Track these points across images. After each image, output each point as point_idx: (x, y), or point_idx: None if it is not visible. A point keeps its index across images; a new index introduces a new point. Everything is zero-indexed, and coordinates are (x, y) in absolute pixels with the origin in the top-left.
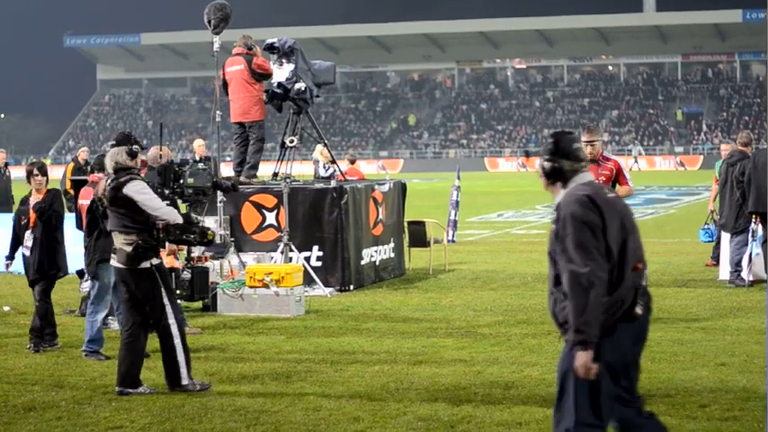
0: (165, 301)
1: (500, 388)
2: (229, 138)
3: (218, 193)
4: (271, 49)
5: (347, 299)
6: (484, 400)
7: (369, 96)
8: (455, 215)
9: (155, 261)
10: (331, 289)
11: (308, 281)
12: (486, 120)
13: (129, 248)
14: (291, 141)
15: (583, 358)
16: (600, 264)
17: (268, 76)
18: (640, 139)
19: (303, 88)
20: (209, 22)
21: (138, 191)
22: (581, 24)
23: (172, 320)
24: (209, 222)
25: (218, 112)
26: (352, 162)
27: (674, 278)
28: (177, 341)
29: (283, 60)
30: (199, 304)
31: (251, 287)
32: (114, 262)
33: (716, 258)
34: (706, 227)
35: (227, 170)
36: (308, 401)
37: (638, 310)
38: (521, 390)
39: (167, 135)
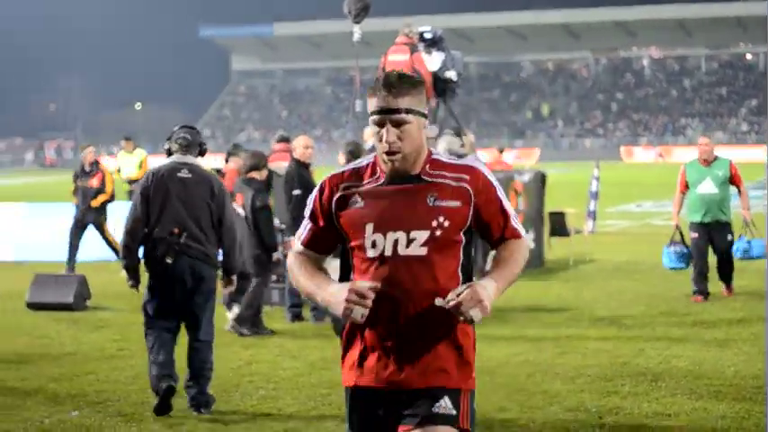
0: None
1: (647, 379)
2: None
3: None
4: (420, 38)
5: None
6: (631, 392)
7: (503, 86)
8: (594, 205)
9: None
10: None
11: None
12: (622, 109)
13: None
14: (431, 132)
15: None
16: None
17: (418, 74)
18: None
19: (453, 77)
20: (350, 12)
21: None
22: (719, 13)
23: None
24: None
25: (357, 101)
26: (501, 151)
27: None
28: None
29: (432, 49)
30: None
31: None
32: None
33: (702, 292)
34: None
35: None
36: None
37: None
38: (668, 381)
39: (300, 126)
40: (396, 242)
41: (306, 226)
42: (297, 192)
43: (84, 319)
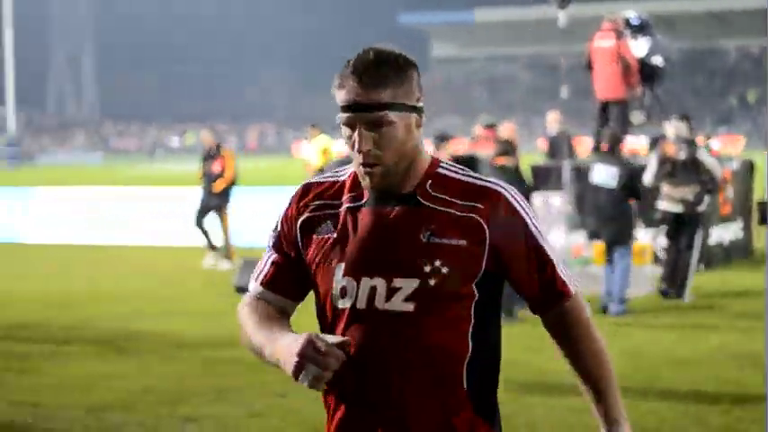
0: None
1: None
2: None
3: (566, 167)
4: (626, 24)
5: (696, 278)
6: None
7: (707, 72)
8: None
9: None
10: None
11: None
12: None
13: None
14: (638, 119)
15: None
16: None
17: (626, 62)
18: None
19: (660, 63)
20: None
21: None
22: None
23: None
24: (555, 199)
25: (563, 87)
26: (707, 138)
27: None
28: None
29: (638, 35)
30: None
31: (599, 264)
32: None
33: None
34: None
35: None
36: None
37: None
38: None
39: (499, 112)
40: (372, 291)
41: (266, 258)
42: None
43: None
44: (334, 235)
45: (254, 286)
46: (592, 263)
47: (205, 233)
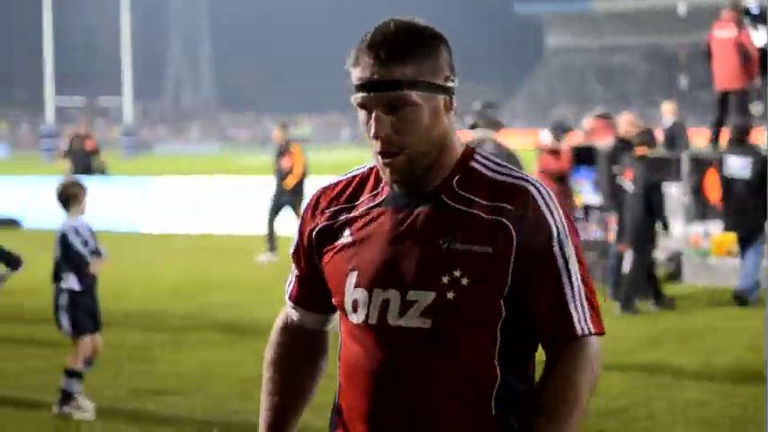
0: None
1: None
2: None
3: (684, 158)
4: (746, 12)
5: None
6: None
7: None
8: None
9: None
10: None
11: None
12: None
13: None
14: (757, 109)
15: None
16: None
17: (746, 52)
18: None
19: None
20: None
21: None
22: None
23: None
24: (672, 189)
25: (681, 76)
26: None
27: None
28: None
29: (758, 24)
30: None
31: (718, 256)
32: None
33: None
34: None
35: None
36: None
37: None
38: None
39: (615, 103)
40: (385, 305)
41: (292, 273)
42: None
43: None
44: (349, 240)
45: (286, 300)
46: (710, 254)
47: (271, 232)
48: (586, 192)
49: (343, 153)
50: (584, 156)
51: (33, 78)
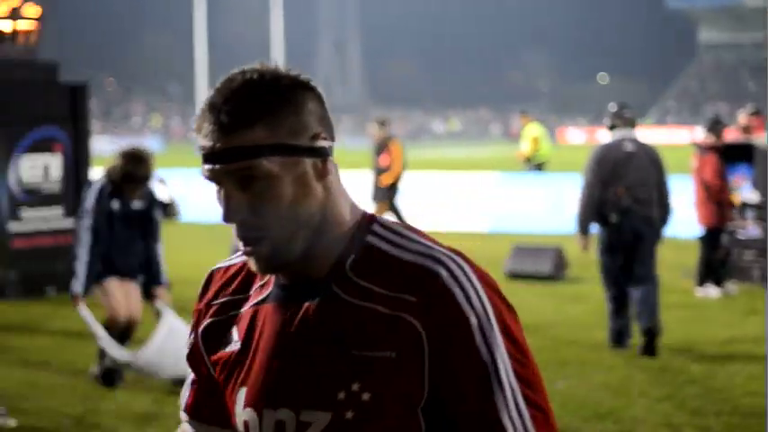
0: None
1: None
2: None
3: None
4: None
5: None
6: None
7: None
8: None
9: None
10: None
11: None
12: None
13: None
14: None
15: None
16: None
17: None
18: None
19: None
20: None
21: None
22: None
23: None
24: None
25: None
26: None
27: None
28: None
29: None
30: None
31: None
32: None
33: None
34: None
35: None
36: None
37: None
38: None
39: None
40: (279, 428)
41: (188, 378)
42: None
43: (561, 290)
44: (237, 348)
45: (181, 413)
46: None
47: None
48: (745, 189)
49: (493, 149)
50: (741, 153)
51: (184, 73)
